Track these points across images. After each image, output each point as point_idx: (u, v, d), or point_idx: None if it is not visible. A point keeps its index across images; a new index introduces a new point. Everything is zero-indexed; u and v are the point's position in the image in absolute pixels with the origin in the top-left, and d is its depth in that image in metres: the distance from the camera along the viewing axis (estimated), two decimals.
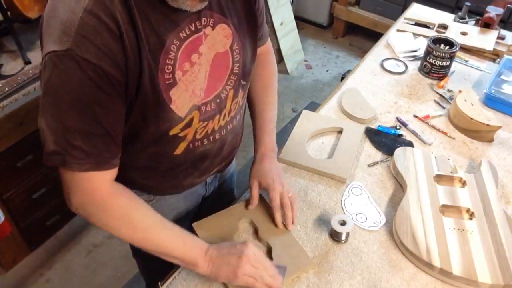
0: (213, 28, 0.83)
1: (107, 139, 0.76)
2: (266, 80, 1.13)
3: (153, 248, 0.86)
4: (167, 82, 0.78)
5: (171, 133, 0.86)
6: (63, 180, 0.80)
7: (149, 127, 0.83)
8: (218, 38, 0.85)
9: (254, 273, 0.85)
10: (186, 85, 0.81)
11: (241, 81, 0.94)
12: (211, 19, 0.83)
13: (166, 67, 0.77)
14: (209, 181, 1.16)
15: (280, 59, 3.18)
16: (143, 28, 0.72)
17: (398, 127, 1.36)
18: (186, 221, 1.14)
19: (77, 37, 0.67)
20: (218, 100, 0.90)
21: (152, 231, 0.84)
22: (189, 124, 0.87)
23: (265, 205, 1.06)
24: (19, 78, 1.51)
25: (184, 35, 0.79)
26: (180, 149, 0.91)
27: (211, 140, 0.95)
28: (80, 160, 0.75)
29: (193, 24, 0.79)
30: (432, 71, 1.55)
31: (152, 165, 0.92)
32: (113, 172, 0.81)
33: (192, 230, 0.99)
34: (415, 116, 1.41)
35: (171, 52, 0.77)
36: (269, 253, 0.98)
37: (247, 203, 1.05)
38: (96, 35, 0.68)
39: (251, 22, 0.92)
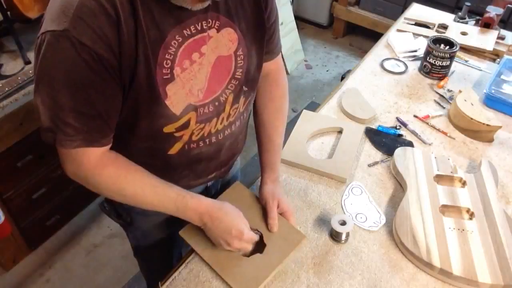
0: (218, 30, 0.84)
1: (98, 121, 0.78)
2: (277, 102, 1.10)
3: (147, 208, 0.90)
4: (165, 77, 0.79)
5: (165, 130, 0.86)
6: (58, 152, 0.82)
7: (143, 121, 0.83)
8: (223, 41, 0.85)
9: (241, 247, 0.93)
10: (183, 82, 0.82)
11: (243, 87, 0.94)
12: (217, 22, 0.83)
13: (165, 61, 0.78)
14: (210, 184, 1.15)
15: None
16: (144, 20, 0.73)
17: (398, 127, 1.36)
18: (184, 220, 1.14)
19: (74, 19, 0.68)
20: (216, 103, 0.90)
21: (143, 198, 0.88)
22: (186, 126, 0.87)
23: (250, 196, 1.07)
24: (19, 78, 1.50)
25: (189, 33, 0.79)
26: (175, 149, 0.92)
27: (207, 143, 0.95)
28: (71, 137, 0.77)
29: (199, 24, 0.80)
30: (432, 71, 1.55)
31: (148, 161, 0.92)
32: (103, 149, 0.83)
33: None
34: (415, 116, 1.41)
35: (171, 47, 0.78)
36: (260, 238, 0.98)
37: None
38: (93, 17, 0.69)
39: (259, 30, 0.92)
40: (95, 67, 0.71)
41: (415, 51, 1.70)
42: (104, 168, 0.84)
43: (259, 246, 0.97)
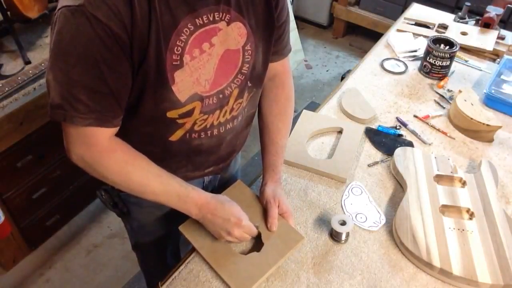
0: (228, 24, 0.85)
1: (111, 99, 0.79)
2: (282, 105, 1.11)
3: (149, 198, 0.90)
4: (174, 63, 0.80)
5: (169, 115, 0.87)
6: (65, 133, 0.82)
7: (147, 103, 0.84)
8: (232, 35, 0.86)
9: (241, 235, 0.93)
10: (191, 70, 0.83)
11: (248, 82, 0.95)
12: (228, 15, 0.84)
13: (175, 48, 0.79)
14: (208, 179, 1.16)
15: None
16: (158, 4, 0.74)
17: (398, 127, 1.36)
18: (180, 217, 1.13)
19: None
20: (221, 96, 0.91)
21: (147, 185, 0.88)
22: (189, 114, 0.88)
23: (251, 195, 1.06)
24: (19, 78, 1.50)
25: (201, 22, 0.80)
26: (176, 136, 0.92)
27: (209, 135, 0.96)
28: (83, 114, 0.77)
29: (211, 14, 0.81)
30: (432, 71, 1.55)
31: (148, 148, 0.93)
32: (113, 130, 0.84)
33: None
34: (415, 116, 1.41)
35: (182, 35, 0.79)
36: (258, 237, 0.98)
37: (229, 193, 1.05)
38: None
39: (268, 28, 0.92)
40: (108, 43, 0.72)
41: (415, 51, 1.70)
42: (113, 153, 0.84)
43: (257, 245, 0.98)
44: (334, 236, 1.03)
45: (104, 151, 0.83)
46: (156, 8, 0.74)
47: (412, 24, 1.88)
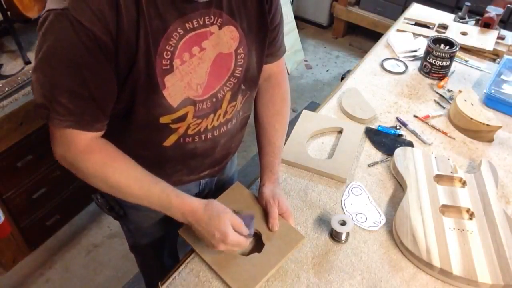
0: (220, 27, 0.84)
1: (91, 103, 0.78)
2: (278, 105, 1.10)
3: (132, 201, 0.88)
4: (164, 67, 0.79)
5: (162, 121, 0.86)
6: (50, 132, 0.83)
7: (140, 109, 0.83)
8: (224, 39, 0.86)
9: (227, 249, 0.90)
10: (182, 75, 0.82)
11: (242, 85, 0.94)
12: (219, 19, 0.83)
13: (165, 52, 0.78)
14: (204, 182, 1.15)
15: None
16: (147, 9, 0.73)
17: (398, 127, 1.36)
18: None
19: None
20: (214, 99, 0.90)
21: (127, 188, 0.86)
22: (182, 119, 0.88)
23: (250, 196, 1.06)
24: (19, 78, 1.50)
25: (191, 26, 0.80)
26: (170, 141, 0.92)
27: (203, 138, 0.95)
28: (62, 116, 0.77)
29: (202, 19, 0.81)
30: (432, 71, 1.55)
31: (142, 153, 0.92)
32: (94, 134, 0.83)
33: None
34: (415, 116, 1.41)
35: (172, 39, 0.78)
36: (259, 237, 0.98)
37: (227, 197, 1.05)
38: None
39: (261, 31, 0.92)
40: (91, 48, 0.72)
41: (415, 51, 1.70)
42: (91, 154, 0.83)
43: (258, 246, 0.98)
44: (334, 236, 1.03)
45: (82, 152, 0.83)
46: (145, 13, 0.73)
47: (412, 24, 1.88)
